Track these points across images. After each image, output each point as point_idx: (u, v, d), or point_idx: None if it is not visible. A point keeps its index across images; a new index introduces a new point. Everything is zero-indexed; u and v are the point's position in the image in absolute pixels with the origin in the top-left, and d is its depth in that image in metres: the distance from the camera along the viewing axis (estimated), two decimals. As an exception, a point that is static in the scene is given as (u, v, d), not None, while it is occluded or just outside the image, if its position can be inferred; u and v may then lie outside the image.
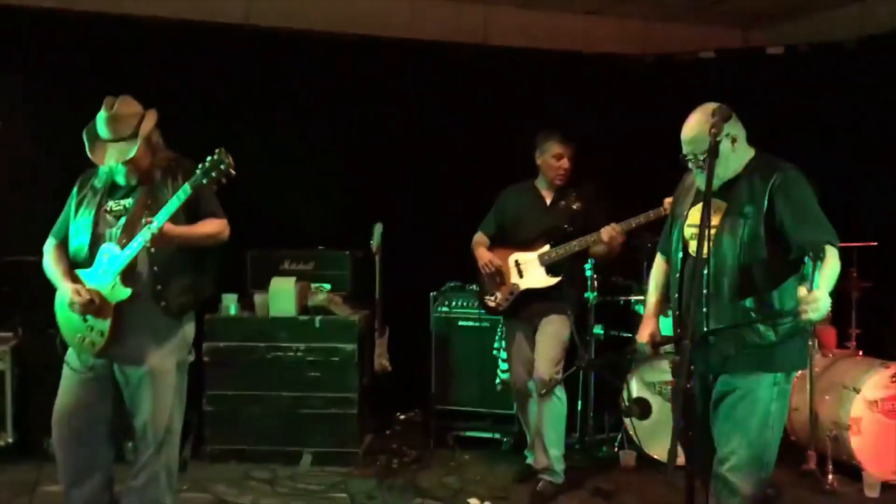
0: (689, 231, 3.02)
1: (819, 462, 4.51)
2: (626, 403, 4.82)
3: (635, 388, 4.85)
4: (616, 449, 4.93)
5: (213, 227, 3.32)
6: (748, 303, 2.86)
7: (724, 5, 6.02)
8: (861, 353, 4.81)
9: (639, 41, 6.46)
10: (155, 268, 3.24)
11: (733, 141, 2.89)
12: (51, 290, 3.41)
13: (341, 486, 4.46)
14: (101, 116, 3.24)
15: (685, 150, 2.95)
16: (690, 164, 2.96)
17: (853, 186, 5.51)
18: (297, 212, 5.53)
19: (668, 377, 4.71)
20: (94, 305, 3.21)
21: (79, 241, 3.31)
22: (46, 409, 3.45)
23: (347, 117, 5.75)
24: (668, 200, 4.02)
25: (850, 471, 4.48)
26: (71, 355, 3.35)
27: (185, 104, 5.23)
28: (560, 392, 4.31)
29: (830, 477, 4.39)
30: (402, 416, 5.67)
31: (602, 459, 4.91)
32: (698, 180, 2.96)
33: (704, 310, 2.89)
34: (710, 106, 2.88)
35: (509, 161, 4.90)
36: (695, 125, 2.91)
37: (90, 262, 3.28)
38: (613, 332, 5.19)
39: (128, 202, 3.31)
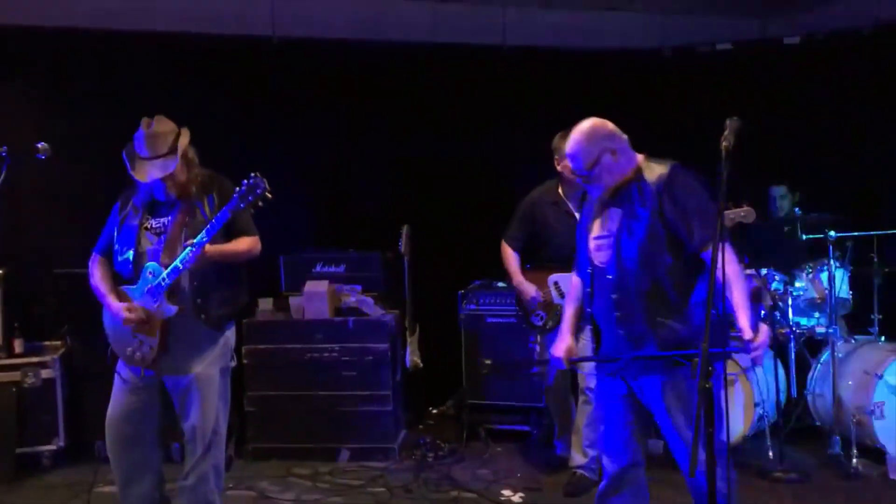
0: (593, 243, 3.04)
1: (843, 446, 4.59)
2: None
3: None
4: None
5: (247, 244, 3.51)
6: (657, 303, 2.88)
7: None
8: (883, 338, 4.86)
9: (657, 34, 6.52)
10: (195, 283, 3.42)
11: (613, 153, 2.94)
12: (97, 301, 3.60)
13: (380, 480, 4.62)
14: (140, 135, 3.41)
15: (571, 165, 3.02)
16: (579, 179, 3.04)
17: (873, 174, 5.57)
18: (327, 216, 5.68)
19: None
20: (144, 322, 3.40)
21: (124, 257, 3.48)
22: (95, 414, 3.64)
23: (374, 122, 5.89)
24: None
25: (875, 454, 4.56)
26: (121, 366, 3.55)
27: (216, 115, 5.42)
28: None
29: (855, 461, 4.46)
30: (435, 411, 5.83)
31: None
32: (592, 193, 3.06)
33: (616, 314, 2.93)
34: (588, 124, 2.96)
35: (532, 160, 5.01)
36: (574, 142, 2.97)
37: (135, 278, 3.46)
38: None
39: (167, 219, 3.48)
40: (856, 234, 4.75)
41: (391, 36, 5.96)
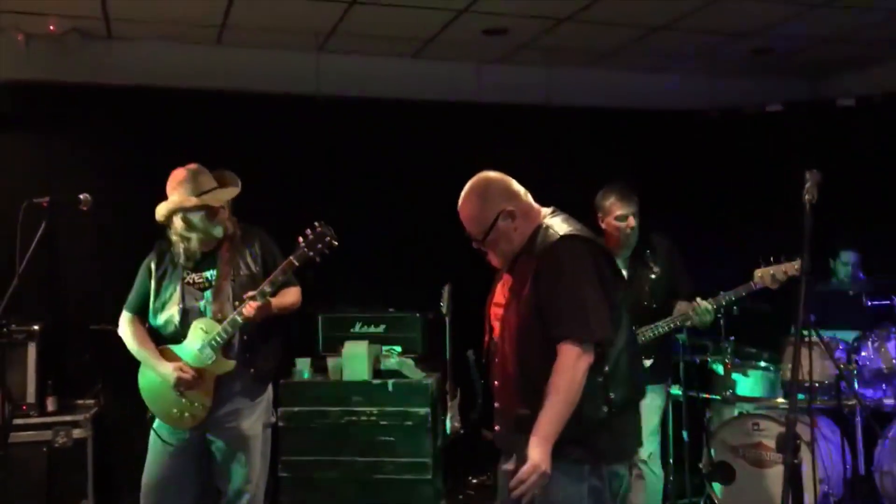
0: (494, 311, 2.77)
1: (917, 529, 4.31)
2: (709, 467, 4.70)
3: (717, 451, 4.70)
4: (699, 514, 4.77)
5: (294, 296, 3.48)
6: (524, 389, 2.55)
7: (792, 57, 5.97)
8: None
9: (705, 96, 6.43)
10: (244, 337, 3.32)
11: (511, 216, 2.65)
12: (132, 358, 3.48)
13: (418, 553, 4.41)
14: (180, 179, 3.34)
15: (466, 229, 2.72)
16: (474, 244, 2.74)
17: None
18: (367, 275, 5.57)
19: (752, 440, 4.56)
20: (198, 382, 3.28)
21: (167, 316, 3.38)
22: (126, 476, 3.51)
23: (416, 180, 5.82)
24: (758, 273, 3.93)
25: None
26: (161, 427, 3.41)
27: (260, 173, 5.38)
28: (657, 468, 4.13)
29: (930, 545, 4.17)
30: (475, 481, 5.60)
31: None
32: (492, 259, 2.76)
33: (497, 405, 2.67)
34: (482, 180, 2.69)
35: (580, 220, 4.87)
36: (464, 201, 2.72)
37: (180, 336, 3.35)
38: (694, 392, 5.05)
39: (210, 273, 3.38)
40: (924, 299, 4.52)
41: (436, 95, 5.93)
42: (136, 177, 5.22)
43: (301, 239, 3.24)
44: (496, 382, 2.69)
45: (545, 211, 2.74)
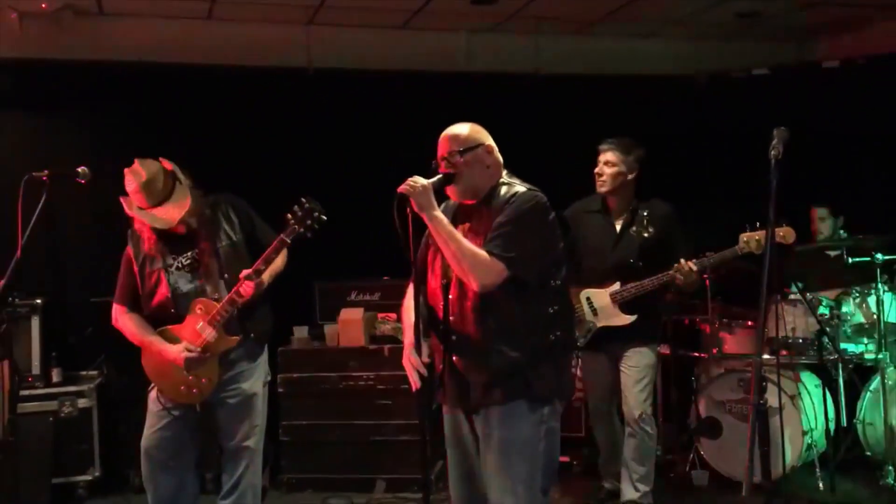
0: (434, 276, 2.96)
1: (897, 476, 4.43)
2: (696, 423, 4.84)
3: (704, 407, 4.84)
4: (688, 469, 4.90)
5: (283, 259, 3.54)
6: (491, 323, 2.74)
7: (778, 20, 6.02)
8: (935, 364, 4.72)
9: (692, 61, 6.49)
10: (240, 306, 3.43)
11: (489, 152, 2.89)
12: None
13: (416, 511, 4.55)
14: (134, 188, 3.36)
15: (445, 146, 2.90)
16: (444, 164, 2.91)
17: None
18: (362, 244, 5.66)
19: (737, 396, 4.70)
20: (205, 358, 3.39)
21: (160, 301, 3.46)
22: (131, 444, 3.61)
23: (407, 150, 5.88)
24: (743, 238, 4.03)
25: (931, 484, 4.41)
26: (161, 392, 3.52)
27: (252, 146, 5.48)
28: (650, 426, 4.22)
29: (910, 491, 4.32)
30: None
31: (675, 480, 4.88)
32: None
33: (454, 337, 2.80)
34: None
35: (567, 188, 4.96)
36: (451, 128, 2.94)
37: (176, 318, 3.45)
38: (681, 351, 5.19)
39: (192, 252, 3.47)
40: (904, 256, 4.62)
41: (425, 65, 5.99)
42: (131, 150, 5.26)
43: (290, 216, 3.30)
44: (451, 317, 2.82)
45: (504, 172, 2.95)
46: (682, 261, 4.05)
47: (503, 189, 2.86)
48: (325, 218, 3.30)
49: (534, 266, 2.74)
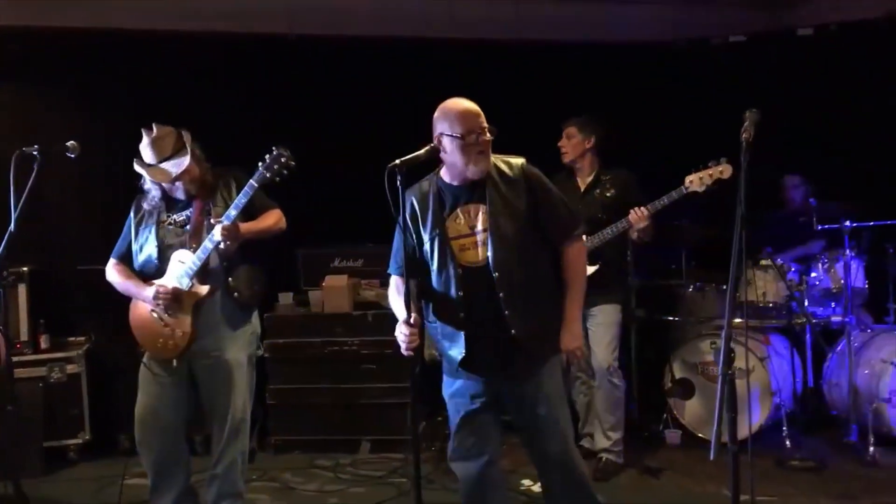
0: (456, 244, 3.06)
1: (860, 434, 4.63)
2: (670, 384, 5.00)
3: (678, 369, 5.01)
4: (661, 428, 5.07)
5: (274, 218, 3.62)
6: (540, 290, 3.03)
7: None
8: (899, 327, 4.90)
9: (669, 28, 6.53)
10: (225, 263, 3.51)
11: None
12: (120, 297, 3.67)
13: (400, 471, 4.69)
14: (145, 144, 3.51)
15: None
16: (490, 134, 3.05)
17: (888, 163, 5.58)
18: (344, 211, 5.73)
19: (710, 358, 4.87)
20: (178, 302, 3.47)
21: (146, 255, 3.56)
22: (120, 408, 3.70)
23: (389, 116, 5.93)
24: (688, 179, 4.20)
25: (891, 442, 4.61)
26: (150, 361, 3.62)
27: (234, 113, 5.50)
28: (618, 378, 4.47)
29: (872, 449, 4.50)
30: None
31: (648, 439, 5.02)
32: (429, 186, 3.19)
33: (507, 312, 2.95)
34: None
35: (549, 155, 5.04)
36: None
37: (160, 273, 3.54)
38: (657, 315, 5.33)
39: (187, 213, 3.56)
40: (871, 223, 4.78)
41: (407, 31, 5.99)
42: (115, 119, 5.32)
43: (260, 163, 3.37)
44: (501, 294, 2.95)
45: None
46: (635, 208, 4.29)
47: (500, 164, 3.09)
48: (293, 163, 3.35)
49: None
